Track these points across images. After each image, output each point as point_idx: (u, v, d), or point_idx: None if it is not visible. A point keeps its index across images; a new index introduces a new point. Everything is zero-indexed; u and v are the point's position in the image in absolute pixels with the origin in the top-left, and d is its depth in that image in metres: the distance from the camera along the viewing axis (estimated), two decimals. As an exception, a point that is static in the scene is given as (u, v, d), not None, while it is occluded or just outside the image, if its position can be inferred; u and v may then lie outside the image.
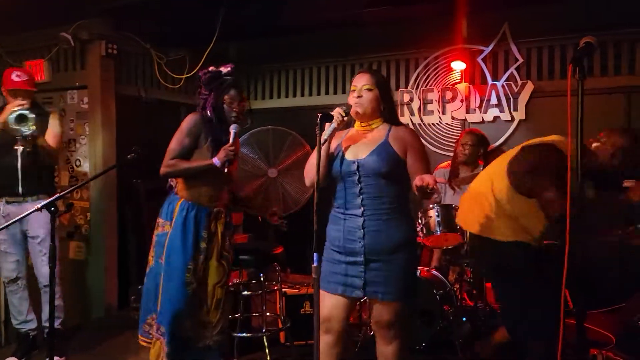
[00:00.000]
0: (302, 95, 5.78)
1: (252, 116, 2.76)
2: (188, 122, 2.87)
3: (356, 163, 2.37)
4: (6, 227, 2.81)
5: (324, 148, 2.32)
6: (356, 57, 5.47)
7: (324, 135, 2.32)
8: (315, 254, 2.11)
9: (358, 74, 2.49)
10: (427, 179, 2.10)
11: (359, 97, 2.41)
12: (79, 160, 4.63)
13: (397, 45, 5.24)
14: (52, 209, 2.44)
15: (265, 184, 5.14)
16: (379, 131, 2.45)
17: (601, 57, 4.51)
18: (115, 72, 4.60)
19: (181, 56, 5.12)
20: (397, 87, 5.27)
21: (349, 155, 2.40)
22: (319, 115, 2.27)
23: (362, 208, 2.36)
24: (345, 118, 2.38)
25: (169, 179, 3.00)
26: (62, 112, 4.66)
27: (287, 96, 5.85)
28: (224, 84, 2.89)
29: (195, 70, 4.88)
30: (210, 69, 2.93)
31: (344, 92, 5.54)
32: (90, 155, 4.54)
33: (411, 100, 5.15)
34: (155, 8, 4.34)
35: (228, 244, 3.00)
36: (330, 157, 2.43)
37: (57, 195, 2.62)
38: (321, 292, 2.39)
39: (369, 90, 2.41)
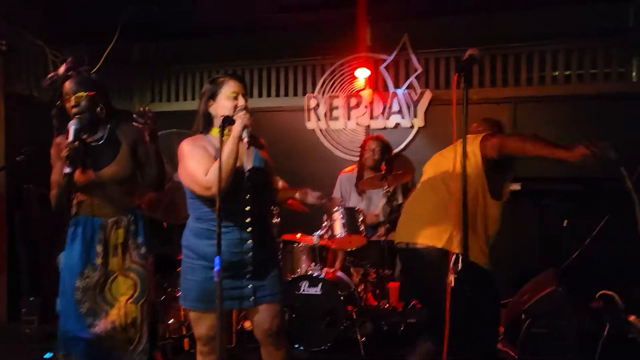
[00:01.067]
0: (210, 98, 5.69)
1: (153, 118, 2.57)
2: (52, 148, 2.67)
3: (245, 173, 2.27)
4: None
5: (232, 150, 2.17)
6: (265, 61, 5.50)
7: (240, 134, 2.16)
8: (217, 257, 2.07)
9: (230, 81, 2.34)
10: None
11: (244, 104, 2.30)
12: (-38, 163, 4.27)
13: (305, 52, 5.35)
14: None
15: (171, 189, 5.01)
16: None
17: (490, 70, 4.88)
18: (5, 70, 4.29)
19: (79, 55, 4.86)
20: (305, 93, 5.36)
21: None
22: (222, 117, 2.23)
23: (250, 218, 2.28)
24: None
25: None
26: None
27: (193, 99, 5.75)
28: (56, 83, 2.63)
29: (94, 70, 4.66)
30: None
31: (251, 95, 5.54)
32: (-26, 158, 4.20)
33: (318, 105, 5.25)
34: (50, 2, 4.14)
35: (138, 254, 2.70)
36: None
37: None
38: (198, 313, 2.32)
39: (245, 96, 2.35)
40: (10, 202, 4.34)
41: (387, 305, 4.17)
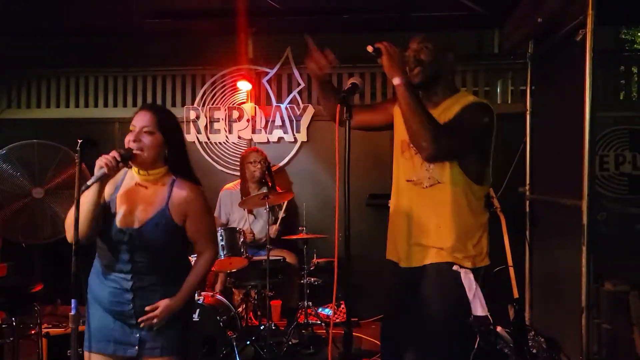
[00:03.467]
0: (77, 106, 5.24)
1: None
2: None
3: (127, 233, 2.02)
4: None
5: (90, 195, 1.94)
6: (140, 68, 5.17)
7: (89, 181, 1.90)
8: (73, 301, 1.85)
9: (139, 111, 2.08)
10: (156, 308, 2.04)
11: (135, 140, 2.02)
12: None
13: (184, 60, 5.13)
14: None
15: (30, 206, 4.51)
16: (160, 187, 2.10)
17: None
18: None
19: None
20: (183, 104, 5.12)
21: (120, 221, 2.03)
22: (80, 140, 1.97)
23: (132, 274, 2.04)
24: (120, 164, 1.96)
25: None
26: None
27: (57, 106, 5.24)
28: None
29: None
30: None
31: (125, 105, 5.18)
32: None
33: (197, 117, 5.03)
34: None
35: None
36: (101, 210, 2.01)
37: None
38: (87, 354, 2.08)
39: (150, 133, 2.03)
40: None
41: (269, 324, 4.07)
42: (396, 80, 1.97)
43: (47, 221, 4.54)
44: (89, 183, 1.90)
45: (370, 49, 2.00)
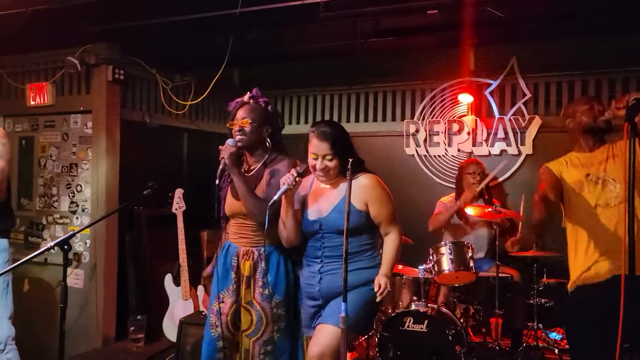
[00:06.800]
0: (306, 122, 5.74)
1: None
2: None
3: (318, 222, 2.48)
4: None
5: (285, 208, 2.45)
6: (362, 86, 5.47)
7: (275, 196, 2.38)
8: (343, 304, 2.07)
9: (315, 139, 2.44)
10: (380, 284, 2.39)
11: (322, 168, 2.45)
12: (80, 186, 4.53)
13: (404, 76, 5.27)
14: (65, 247, 2.35)
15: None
16: (341, 184, 2.53)
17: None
18: (121, 97, 4.53)
19: (187, 81, 5.06)
20: (403, 118, 5.26)
21: (312, 214, 2.52)
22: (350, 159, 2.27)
23: (321, 258, 2.49)
24: (298, 179, 2.40)
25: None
26: (64, 135, 4.58)
27: (290, 123, 5.80)
28: (234, 109, 2.83)
29: (202, 97, 4.83)
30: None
31: (348, 120, 5.50)
32: (92, 181, 4.44)
33: (417, 131, 5.13)
34: (161, 32, 4.31)
35: (260, 293, 2.61)
36: (298, 213, 2.54)
37: (70, 233, 2.50)
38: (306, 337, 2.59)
39: (330, 160, 2.44)
40: (122, 223, 4.54)
41: (493, 342, 3.96)
42: None
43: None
44: (275, 198, 2.35)
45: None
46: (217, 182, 2.61)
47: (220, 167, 2.59)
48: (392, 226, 2.54)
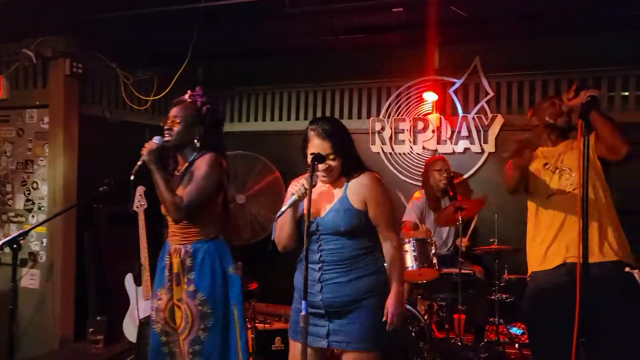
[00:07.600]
0: (272, 119, 5.69)
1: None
2: None
3: (315, 222, 2.30)
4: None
5: (289, 215, 2.29)
6: (329, 83, 5.45)
7: (284, 206, 2.25)
8: (304, 302, 2.03)
9: (316, 138, 2.28)
10: (389, 314, 2.22)
11: (325, 168, 2.30)
12: (37, 183, 4.37)
13: (370, 74, 5.26)
14: (15, 246, 2.25)
15: (233, 210, 5.00)
16: (339, 183, 2.37)
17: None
18: (79, 92, 4.39)
19: (149, 77, 4.94)
20: (369, 115, 5.27)
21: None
22: (311, 154, 2.23)
23: (320, 264, 2.29)
24: (307, 190, 2.22)
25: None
26: (19, 131, 4.42)
27: (256, 120, 5.75)
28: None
29: (164, 92, 4.72)
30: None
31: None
32: (49, 178, 4.29)
33: (382, 129, 5.15)
34: (122, 26, 4.19)
35: (186, 291, 2.60)
36: (297, 219, 2.35)
37: (20, 232, 2.41)
38: (291, 341, 2.41)
39: (333, 159, 2.29)
40: (81, 221, 4.41)
41: (456, 338, 4.00)
42: None
43: (247, 225, 5.00)
44: (283, 209, 2.24)
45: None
46: (131, 177, 2.56)
47: (139, 162, 2.54)
48: (391, 232, 2.35)
